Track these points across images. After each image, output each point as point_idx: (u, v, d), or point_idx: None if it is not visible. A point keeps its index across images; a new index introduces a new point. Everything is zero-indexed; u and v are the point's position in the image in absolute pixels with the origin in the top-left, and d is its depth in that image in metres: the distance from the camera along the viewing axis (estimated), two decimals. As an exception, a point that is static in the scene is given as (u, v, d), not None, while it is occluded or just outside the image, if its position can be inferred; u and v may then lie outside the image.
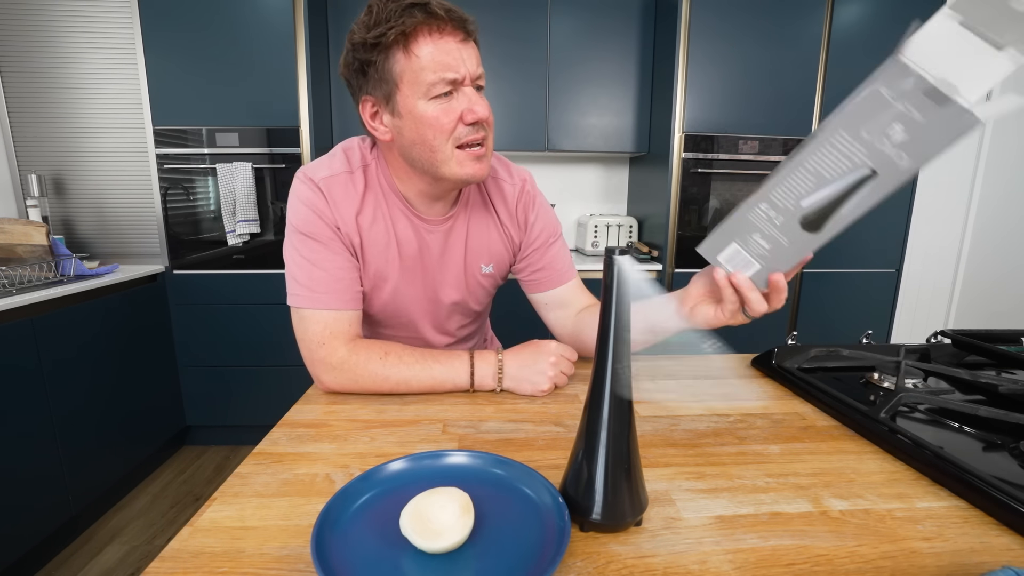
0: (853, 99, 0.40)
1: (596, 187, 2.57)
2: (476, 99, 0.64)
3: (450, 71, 0.61)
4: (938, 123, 0.37)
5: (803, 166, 0.43)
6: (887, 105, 0.38)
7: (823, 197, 0.43)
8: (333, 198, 0.69)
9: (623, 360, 0.39)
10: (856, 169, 0.41)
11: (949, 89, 0.36)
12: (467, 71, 0.62)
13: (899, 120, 0.38)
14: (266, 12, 1.83)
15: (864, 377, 0.72)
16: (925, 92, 0.37)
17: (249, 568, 0.36)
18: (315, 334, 0.68)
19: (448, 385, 0.68)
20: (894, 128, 0.39)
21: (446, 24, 0.60)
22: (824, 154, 0.42)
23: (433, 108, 0.63)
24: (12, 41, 1.92)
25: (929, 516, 0.43)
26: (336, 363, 0.67)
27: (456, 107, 0.63)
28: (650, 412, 0.63)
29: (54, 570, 1.44)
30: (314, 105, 1.92)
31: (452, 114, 0.63)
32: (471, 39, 0.64)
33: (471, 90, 0.64)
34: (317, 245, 0.69)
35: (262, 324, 2.00)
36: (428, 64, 0.60)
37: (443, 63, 0.60)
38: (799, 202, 0.44)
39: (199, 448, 2.15)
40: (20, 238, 1.65)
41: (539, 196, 0.83)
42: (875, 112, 0.39)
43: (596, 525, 0.39)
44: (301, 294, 0.69)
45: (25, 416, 1.38)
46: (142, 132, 1.98)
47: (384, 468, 0.45)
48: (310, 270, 0.69)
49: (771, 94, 2.01)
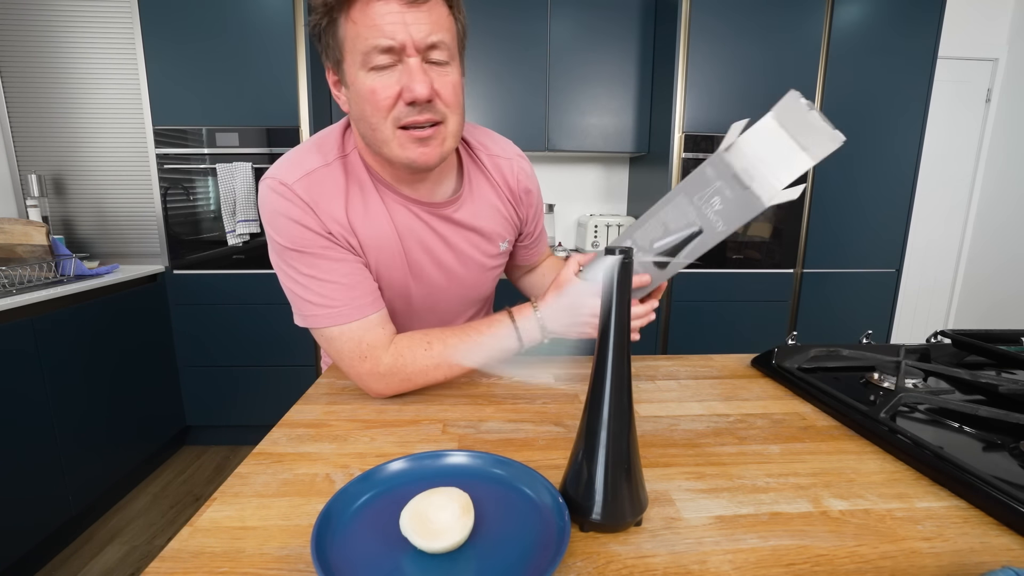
0: (692, 174, 0.53)
1: (596, 187, 2.57)
2: (417, 74, 0.54)
3: (383, 37, 0.52)
4: (740, 201, 0.50)
5: (656, 216, 0.56)
6: (710, 182, 0.51)
7: (667, 243, 0.56)
8: (313, 200, 0.61)
9: (623, 360, 0.39)
10: (689, 226, 0.54)
11: (748, 178, 0.49)
12: (408, 39, 0.53)
13: (717, 194, 0.51)
14: (266, 12, 1.83)
15: (864, 377, 0.72)
16: (734, 176, 0.50)
17: (249, 568, 0.36)
18: (351, 351, 0.63)
19: (498, 351, 0.65)
20: (714, 200, 0.52)
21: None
22: (669, 211, 0.55)
23: (371, 80, 0.55)
24: (12, 41, 1.92)
25: (929, 516, 0.43)
26: (384, 371, 0.63)
27: (394, 82, 0.55)
28: (650, 412, 0.63)
29: (54, 570, 1.44)
30: (314, 105, 1.92)
31: (389, 89, 0.55)
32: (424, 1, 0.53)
33: (415, 62, 0.54)
34: (313, 259, 0.61)
35: (262, 324, 2.00)
36: (363, 29, 0.53)
37: (376, 27, 0.52)
38: (652, 244, 0.57)
39: (199, 448, 2.15)
40: (20, 238, 1.66)
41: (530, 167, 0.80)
42: (703, 186, 0.52)
43: (596, 525, 0.39)
44: (318, 313, 0.62)
45: (25, 416, 1.38)
46: (142, 132, 1.98)
47: (384, 468, 0.45)
48: (318, 286, 0.62)
49: (771, 94, 2.00)
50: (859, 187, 2.11)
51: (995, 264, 2.63)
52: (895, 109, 2.06)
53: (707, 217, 0.52)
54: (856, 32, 1.99)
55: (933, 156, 2.58)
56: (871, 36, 2.00)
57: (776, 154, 0.48)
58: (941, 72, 2.34)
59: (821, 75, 2.01)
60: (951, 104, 2.58)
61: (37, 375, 1.42)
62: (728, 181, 0.50)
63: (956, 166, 2.68)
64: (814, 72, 2.01)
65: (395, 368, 0.63)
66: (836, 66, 2.00)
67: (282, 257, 0.63)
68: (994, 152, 2.62)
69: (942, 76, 2.40)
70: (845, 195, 2.11)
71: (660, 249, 0.57)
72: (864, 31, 1.99)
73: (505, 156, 0.76)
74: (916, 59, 2.03)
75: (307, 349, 2.04)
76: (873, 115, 2.06)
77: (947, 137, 2.62)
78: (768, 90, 2.00)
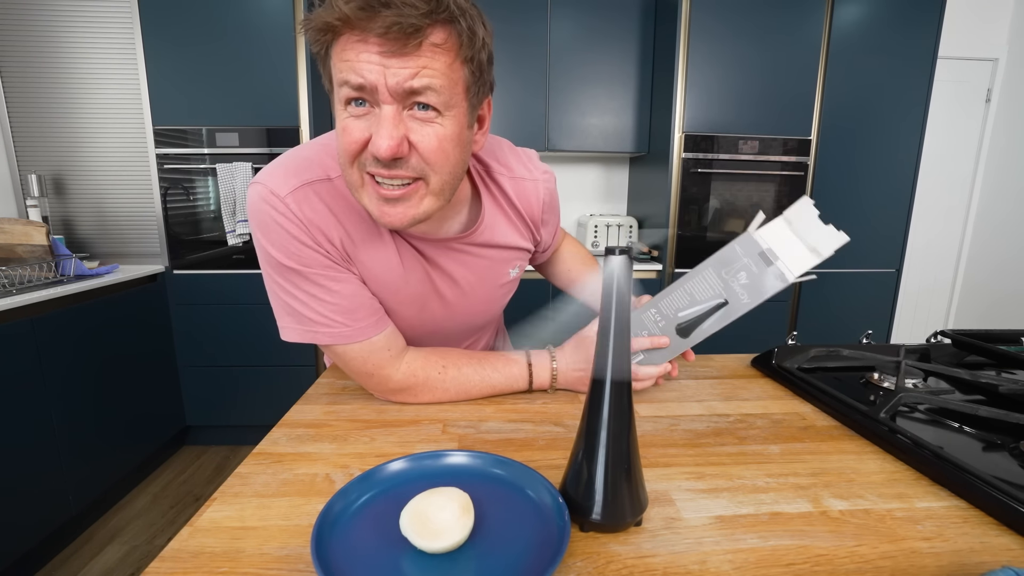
0: (721, 250, 0.58)
1: (596, 187, 2.58)
2: (385, 124, 0.46)
3: (353, 74, 0.45)
4: (765, 276, 0.56)
5: (683, 287, 0.60)
6: (739, 258, 0.57)
7: (692, 312, 0.60)
8: (308, 217, 0.55)
9: (623, 360, 0.39)
10: (715, 297, 0.58)
11: (773, 257, 0.55)
12: (380, 81, 0.45)
13: (744, 269, 0.56)
14: (266, 12, 1.83)
15: (864, 377, 0.72)
16: (760, 255, 0.56)
17: (249, 568, 0.36)
18: (357, 368, 0.61)
19: (507, 390, 0.67)
20: (740, 274, 0.57)
21: (366, 27, 0.43)
22: (697, 283, 0.59)
23: (344, 119, 0.49)
24: (12, 41, 1.92)
25: (929, 516, 0.43)
26: (394, 387, 0.63)
27: (363, 125, 0.48)
28: (650, 412, 0.63)
29: (55, 570, 1.44)
30: (314, 105, 1.92)
31: (359, 132, 0.48)
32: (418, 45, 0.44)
33: (389, 111, 0.46)
34: (313, 276, 0.56)
35: (262, 324, 2.00)
36: (339, 63, 0.46)
37: (350, 63, 0.45)
38: (677, 313, 0.61)
39: (199, 448, 2.15)
40: (20, 238, 1.66)
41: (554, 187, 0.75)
42: (731, 261, 0.57)
43: (596, 525, 0.39)
44: (321, 331, 0.58)
45: (25, 416, 1.38)
46: (142, 132, 1.98)
47: (384, 468, 0.45)
48: (319, 305, 0.57)
49: (771, 94, 2.01)
50: (859, 187, 2.11)
51: (995, 264, 2.63)
52: (895, 109, 2.07)
53: (733, 290, 0.57)
54: (856, 32, 1.99)
55: (933, 156, 2.58)
56: (871, 36, 2.00)
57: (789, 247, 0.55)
58: (941, 72, 2.34)
59: (821, 75, 2.01)
60: (951, 104, 2.58)
61: (37, 375, 1.42)
62: (754, 258, 0.56)
63: (956, 166, 2.68)
64: (814, 73, 2.01)
65: (405, 385, 0.63)
66: (836, 66, 2.00)
67: (278, 272, 0.57)
68: (994, 152, 2.62)
69: (942, 76, 2.40)
70: (845, 195, 2.11)
71: (685, 318, 0.61)
72: (864, 31, 1.99)
73: (531, 178, 0.70)
74: (916, 59, 2.03)
75: (307, 349, 2.04)
76: (873, 115, 2.06)
77: (947, 137, 2.62)
78: (768, 90, 2.01)
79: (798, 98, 2.02)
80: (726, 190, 2.06)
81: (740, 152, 2.03)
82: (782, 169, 2.06)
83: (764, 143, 2.03)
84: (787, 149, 2.05)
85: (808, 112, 2.03)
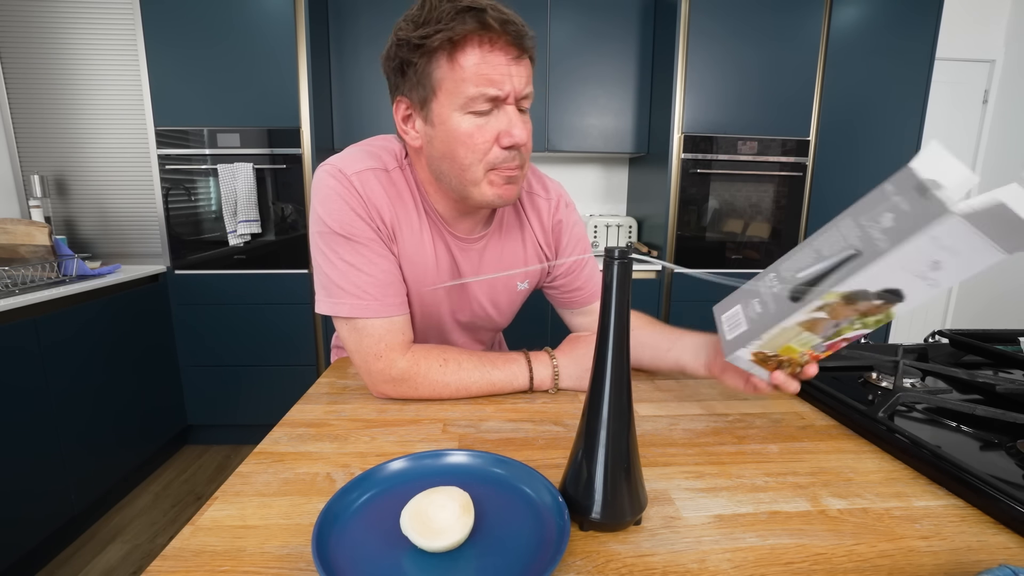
0: (867, 194, 0.45)
1: (596, 187, 2.58)
2: (516, 120, 0.58)
3: (493, 87, 0.56)
4: (918, 211, 0.40)
5: (810, 245, 0.48)
6: (886, 198, 0.43)
7: (814, 271, 0.47)
8: (367, 195, 0.63)
9: (623, 360, 0.40)
10: (846, 249, 0.45)
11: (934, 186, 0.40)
12: (512, 89, 0.57)
13: (891, 210, 0.43)
14: (267, 13, 1.83)
15: (862, 376, 0.72)
16: (915, 187, 0.41)
17: (250, 567, 0.36)
18: (370, 347, 0.63)
19: (507, 388, 0.67)
20: (885, 216, 0.43)
21: (499, 37, 0.55)
22: (828, 236, 0.47)
23: (468, 123, 0.58)
24: (15, 42, 1.93)
25: (927, 515, 0.43)
26: (396, 375, 0.64)
27: (493, 126, 0.58)
28: (650, 412, 0.63)
29: (56, 568, 1.44)
30: (315, 106, 1.93)
31: (488, 133, 0.58)
32: (525, 56, 0.57)
33: (513, 110, 0.58)
34: (359, 247, 0.63)
35: (263, 324, 2.00)
36: (471, 76, 0.55)
37: (487, 77, 0.55)
38: (796, 275, 0.48)
39: (200, 447, 2.15)
40: (23, 238, 1.66)
41: (572, 215, 0.80)
42: (876, 203, 0.44)
43: (596, 524, 0.40)
44: (348, 302, 0.63)
45: (27, 415, 1.38)
46: (144, 133, 1.99)
47: (384, 467, 0.45)
48: (355, 275, 0.63)
49: (770, 95, 2.01)
50: (858, 187, 2.11)
51: (995, 264, 2.63)
52: (893, 110, 2.07)
53: (870, 237, 0.43)
54: (854, 34, 1.99)
55: (932, 156, 2.58)
56: (869, 38, 2.00)
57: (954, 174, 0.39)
58: (939, 73, 2.35)
59: (820, 76, 2.02)
60: (949, 105, 2.58)
61: (40, 375, 1.42)
62: (907, 193, 0.41)
63: (956, 166, 2.67)
64: (813, 73, 2.01)
65: (407, 375, 0.64)
66: (835, 67, 2.00)
67: (325, 240, 0.63)
68: (991, 153, 2.62)
69: (940, 77, 2.40)
70: (844, 196, 2.11)
71: (803, 279, 0.47)
72: (862, 33, 1.99)
73: (545, 197, 0.77)
74: (914, 61, 2.03)
75: (308, 349, 2.04)
76: (871, 116, 2.06)
77: (945, 138, 2.62)
78: (767, 91, 2.01)
79: (797, 99, 2.02)
80: (725, 190, 2.06)
81: (739, 153, 2.03)
82: (781, 170, 2.06)
83: (763, 144, 2.03)
84: (786, 150, 2.05)
85: (807, 113, 2.03)
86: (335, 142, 2.17)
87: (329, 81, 2.11)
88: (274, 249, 1.97)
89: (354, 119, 2.15)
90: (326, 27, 2.05)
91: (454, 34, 0.53)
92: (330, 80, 2.11)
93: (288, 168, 1.92)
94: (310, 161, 1.93)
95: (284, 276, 1.98)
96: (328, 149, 2.10)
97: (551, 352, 0.70)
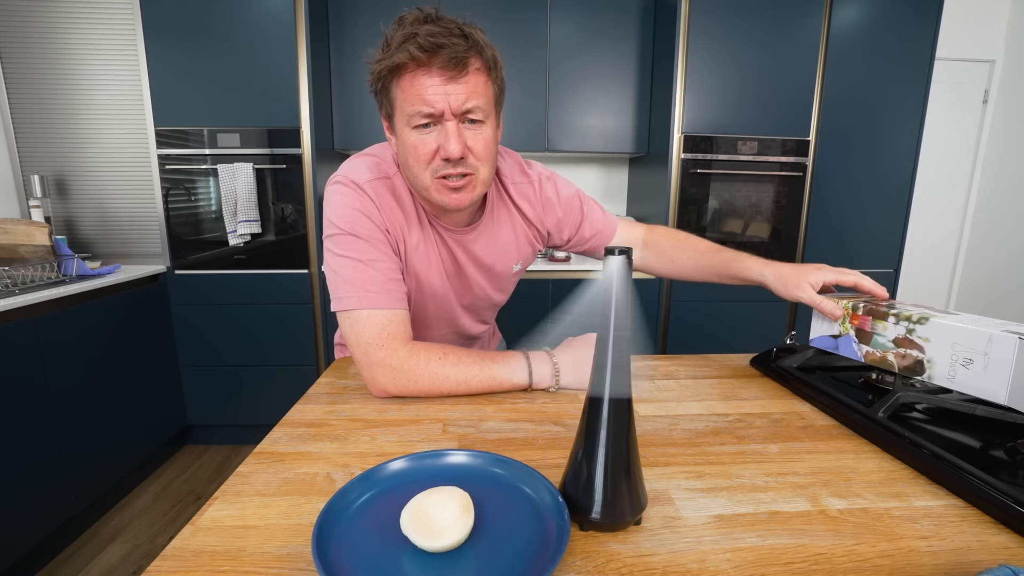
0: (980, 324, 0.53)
1: (596, 187, 2.58)
2: (452, 135, 0.63)
3: (427, 106, 0.62)
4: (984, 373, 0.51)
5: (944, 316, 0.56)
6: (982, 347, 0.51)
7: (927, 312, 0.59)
8: (379, 201, 0.70)
9: (623, 359, 0.40)
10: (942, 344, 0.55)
11: None
12: (448, 107, 0.62)
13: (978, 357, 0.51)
14: (267, 13, 1.83)
15: (862, 377, 0.72)
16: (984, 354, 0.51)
17: (250, 567, 0.36)
18: (372, 336, 0.67)
19: (507, 385, 0.68)
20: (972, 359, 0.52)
21: (431, 62, 0.61)
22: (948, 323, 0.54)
23: (414, 137, 0.65)
24: (15, 42, 1.93)
25: (927, 515, 0.43)
26: (396, 364, 0.66)
27: (435, 139, 0.64)
28: (650, 412, 0.63)
29: (56, 568, 1.44)
30: (315, 106, 1.93)
31: (429, 146, 0.65)
32: (465, 72, 0.62)
33: (452, 125, 0.64)
34: (367, 245, 0.69)
35: (263, 324, 2.00)
36: (410, 96, 0.63)
37: (422, 98, 0.62)
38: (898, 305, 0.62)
39: (200, 447, 2.15)
40: (23, 238, 1.66)
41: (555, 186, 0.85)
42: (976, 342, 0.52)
43: (596, 524, 0.40)
44: (354, 295, 0.68)
45: (28, 415, 1.38)
46: (144, 133, 1.98)
47: (384, 467, 0.45)
48: (362, 270, 0.68)
49: (770, 95, 2.01)
50: (857, 187, 2.12)
51: (992, 263, 2.63)
52: (893, 110, 2.07)
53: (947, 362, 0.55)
54: (854, 34, 1.99)
55: (931, 157, 2.58)
56: (869, 38, 2.00)
57: None
58: (939, 73, 2.34)
59: (820, 76, 2.02)
60: (949, 105, 2.58)
61: (40, 375, 1.42)
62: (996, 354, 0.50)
63: (954, 167, 2.68)
64: (813, 73, 2.01)
65: (407, 365, 0.66)
66: (834, 67, 2.00)
67: (335, 242, 0.69)
68: (991, 153, 2.62)
69: (940, 77, 2.40)
70: (844, 196, 2.11)
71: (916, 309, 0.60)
72: (862, 33, 1.99)
73: (527, 182, 0.83)
74: (914, 61, 2.03)
75: (308, 349, 2.04)
76: (871, 116, 2.06)
77: (945, 138, 2.62)
78: (767, 91, 2.01)
79: (797, 99, 2.02)
80: (725, 190, 2.06)
81: (739, 153, 2.03)
82: (781, 170, 2.06)
83: (763, 144, 2.03)
84: (786, 150, 2.05)
85: (807, 113, 2.03)
86: (335, 142, 2.17)
87: (329, 81, 2.11)
88: (274, 249, 1.97)
89: (354, 119, 2.15)
90: (326, 27, 2.05)
91: (393, 62, 0.62)
92: (330, 80, 2.11)
93: (288, 168, 1.93)
94: (310, 161, 1.93)
95: (284, 276, 1.98)
96: (328, 149, 2.10)
97: (550, 351, 0.71)
